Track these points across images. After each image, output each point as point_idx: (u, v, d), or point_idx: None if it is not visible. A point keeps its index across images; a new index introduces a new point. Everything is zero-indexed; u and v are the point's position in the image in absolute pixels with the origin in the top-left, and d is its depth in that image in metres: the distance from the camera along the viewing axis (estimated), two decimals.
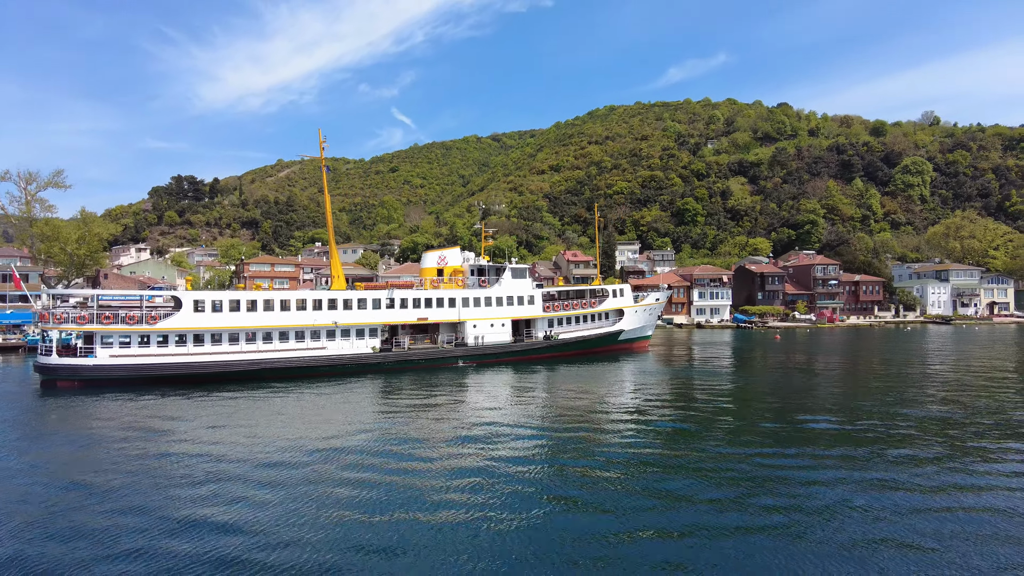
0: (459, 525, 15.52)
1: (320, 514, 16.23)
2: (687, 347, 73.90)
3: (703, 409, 31.60)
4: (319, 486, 18.52)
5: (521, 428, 27.18)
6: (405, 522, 15.70)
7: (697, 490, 18.17)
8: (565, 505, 17.08)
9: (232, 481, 19.12)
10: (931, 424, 27.26)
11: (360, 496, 17.66)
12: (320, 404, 34.02)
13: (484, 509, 16.61)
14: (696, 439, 24.69)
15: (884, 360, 55.88)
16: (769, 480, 19.11)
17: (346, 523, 15.61)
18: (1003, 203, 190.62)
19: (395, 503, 17.07)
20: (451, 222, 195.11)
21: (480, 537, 14.82)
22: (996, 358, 56.84)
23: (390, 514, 16.23)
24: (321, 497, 17.51)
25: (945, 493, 17.78)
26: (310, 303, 46.35)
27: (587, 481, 19.17)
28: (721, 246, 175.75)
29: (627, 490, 18.22)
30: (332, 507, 16.74)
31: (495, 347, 52.37)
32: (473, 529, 15.29)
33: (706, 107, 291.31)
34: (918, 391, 37.12)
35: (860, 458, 21.45)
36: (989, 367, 49.22)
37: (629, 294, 63.79)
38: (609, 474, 19.91)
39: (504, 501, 17.28)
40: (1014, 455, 21.84)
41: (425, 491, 18.04)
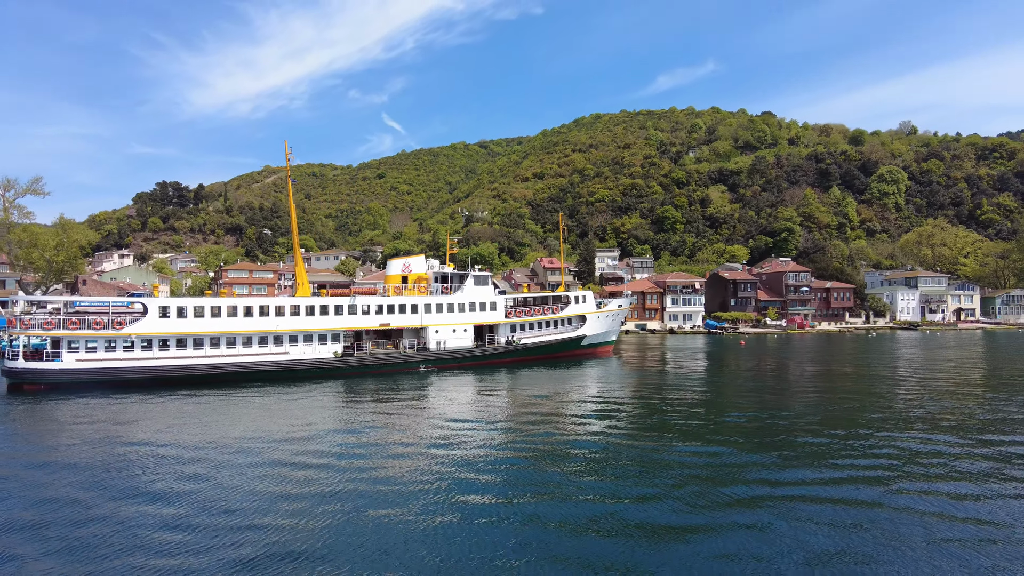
0: (406, 525, 15.78)
1: (269, 512, 16.70)
2: (654, 352, 75.88)
3: (652, 411, 33.26)
4: (266, 484, 19.44)
5: (472, 430, 28.70)
6: (349, 521, 16.05)
7: (643, 491, 18.60)
8: (514, 506, 17.28)
9: (175, 479, 20.62)
10: (860, 423, 29.23)
11: (304, 496, 18.21)
12: (275, 407, 35.52)
13: (431, 508, 17.05)
14: (642, 441, 25.67)
15: (837, 363, 58.06)
16: (710, 479, 19.86)
17: (292, 523, 15.84)
18: (974, 211, 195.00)
19: (336, 501, 17.57)
20: (434, 229, 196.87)
21: (431, 537, 15.08)
22: (939, 360, 59.19)
23: (330, 512, 16.66)
24: (270, 496, 18.12)
25: (841, 486, 19.64)
26: (272, 309, 47.90)
27: (537, 481, 19.78)
28: (699, 253, 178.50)
29: (568, 488, 18.86)
30: (281, 504, 17.33)
31: (457, 352, 54.07)
32: (424, 529, 15.56)
33: (689, 115, 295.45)
34: (860, 393, 39.17)
35: (792, 458, 23.31)
36: (932, 370, 51.46)
37: (592, 300, 65.68)
38: (553, 472, 20.86)
39: (452, 501, 17.63)
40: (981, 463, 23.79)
41: (370, 490, 18.64)
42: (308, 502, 17.58)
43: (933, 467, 21.17)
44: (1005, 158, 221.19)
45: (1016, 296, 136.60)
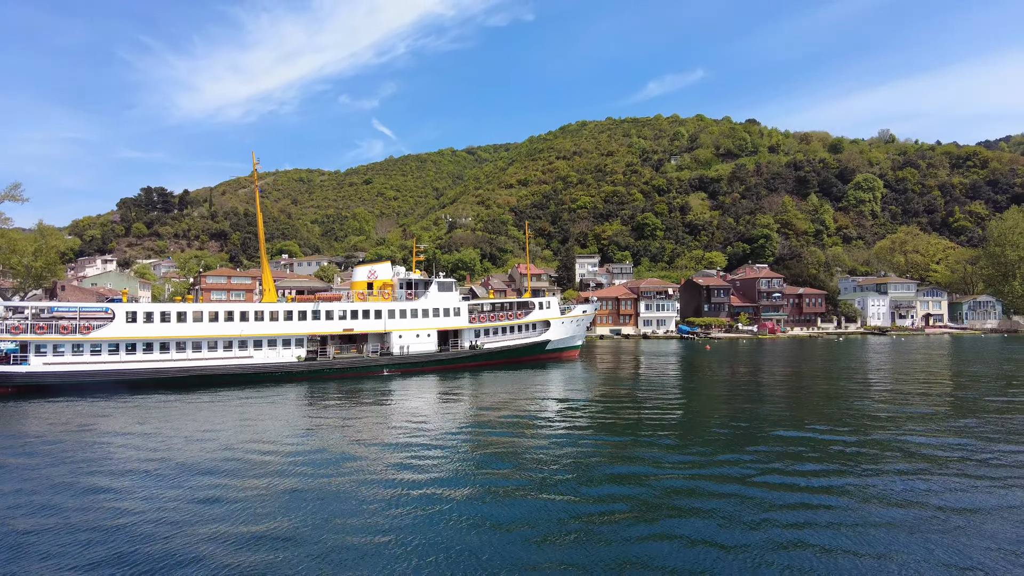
0: (361, 526, 16.13)
1: (221, 511, 17.27)
2: (622, 356, 77.83)
3: (607, 412, 34.82)
4: (215, 483, 20.56)
5: (425, 430, 30.46)
6: (299, 520, 16.51)
7: (601, 492, 19.12)
8: (467, 509, 17.61)
9: (124, 476, 22.27)
10: (807, 424, 31.26)
11: (255, 495, 18.74)
12: (233, 409, 37.07)
13: (378, 505, 17.63)
14: (594, 441, 26.67)
15: (797, 367, 60.23)
16: (647, 479, 20.44)
17: (242, 525, 16.22)
18: (947, 219, 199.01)
19: (287, 501, 18.08)
20: (418, 235, 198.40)
21: (383, 536, 15.46)
22: (890, 363, 61.55)
23: (279, 512, 17.13)
24: (221, 497, 18.62)
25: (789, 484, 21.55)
26: (237, 315, 49.47)
27: (486, 480, 20.30)
28: (678, 259, 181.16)
29: (519, 490, 19.30)
30: (234, 504, 17.85)
31: (420, 356, 55.79)
32: (373, 529, 15.91)
33: (673, 123, 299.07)
34: (816, 395, 41.27)
35: (736, 461, 25.21)
36: (883, 371, 53.74)
37: (556, 306, 67.60)
38: (505, 471, 21.56)
39: (405, 503, 17.97)
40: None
41: (322, 490, 19.25)
42: (259, 502, 18.15)
43: (884, 462, 23.16)
44: (978, 167, 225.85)
45: (982, 302, 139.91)
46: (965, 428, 28.69)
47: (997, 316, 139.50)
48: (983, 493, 18.72)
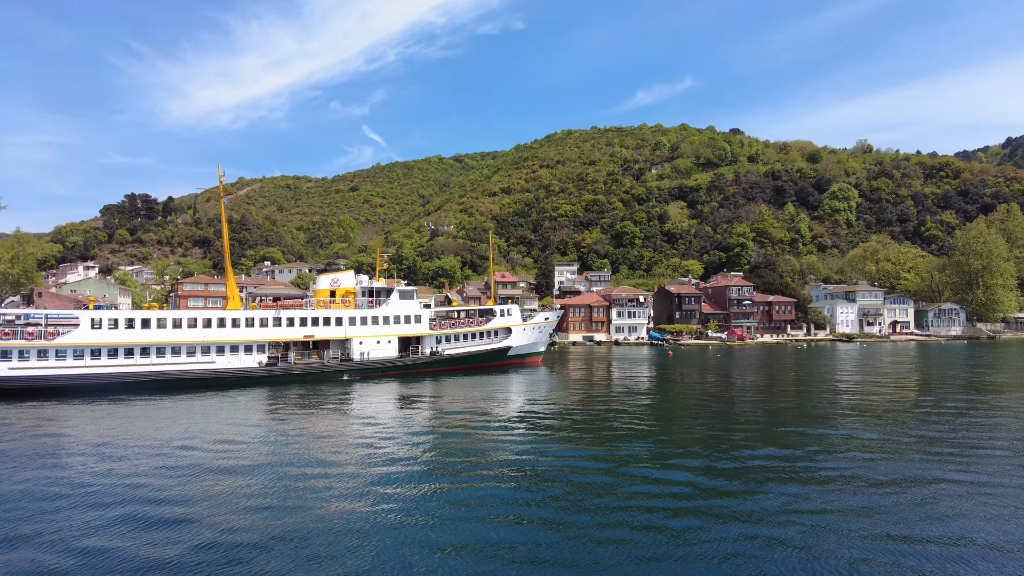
0: (309, 527, 16.77)
1: (171, 512, 18.02)
2: (588, 362, 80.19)
3: (560, 415, 36.65)
4: (164, 483, 21.43)
5: (371, 432, 32.56)
6: (250, 521, 17.10)
7: (539, 495, 19.68)
8: (412, 510, 18.15)
9: (68, 473, 24.23)
10: (740, 425, 33.58)
11: (195, 493, 19.74)
12: (188, 412, 38.94)
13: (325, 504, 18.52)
14: (544, 443, 27.81)
15: (754, 372, 62.75)
16: (590, 484, 21.08)
17: (193, 528, 16.70)
18: (919, 228, 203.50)
19: (231, 502, 18.79)
20: (399, 242, 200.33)
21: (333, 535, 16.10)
22: (845, 369, 64.24)
23: (224, 512, 17.84)
24: (174, 497, 19.47)
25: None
26: (200, 321, 51.36)
27: (428, 484, 20.92)
28: (655, 267, 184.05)
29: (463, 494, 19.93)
30: (186, 505, 18.62)
31: (380, 362, 57.83)
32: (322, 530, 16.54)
33: (656, 132, 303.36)
34: (746, 402, 43.67)
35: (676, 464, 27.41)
36: (834, 377, 56.33)
37: (517, 314, 69.81)
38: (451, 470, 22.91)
39: (347, 504, 18.58)
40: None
41: (272, 491, 20.04)
42: (210, 502, 18.93)
43: (818, 467, 25.49)
44: (951, 177, 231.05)
45: (947, 309, 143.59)
46: (886, 430, 31.19)
47: (961, 323, 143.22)
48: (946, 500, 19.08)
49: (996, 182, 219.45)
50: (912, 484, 20.62)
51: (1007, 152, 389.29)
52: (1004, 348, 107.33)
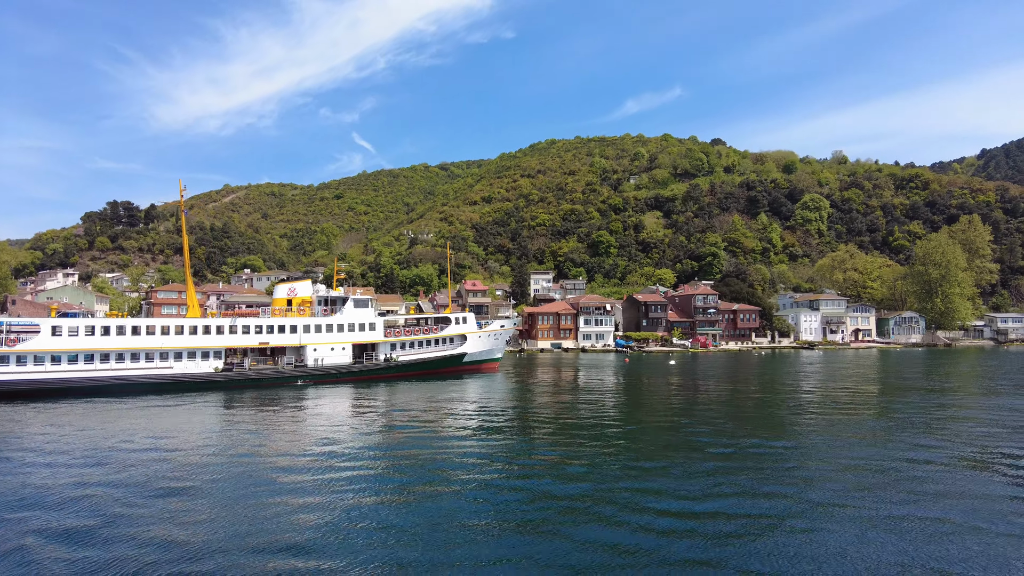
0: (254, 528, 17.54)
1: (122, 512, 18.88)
2: (550, 367, 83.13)
3: (506, 418, 39.37)
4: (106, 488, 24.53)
5: (314, 433, 35.36)
6: (195, 522, 17.89)
7: (485, 496, 20.61)
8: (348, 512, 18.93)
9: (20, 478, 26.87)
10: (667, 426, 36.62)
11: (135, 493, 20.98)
12: (140, 415, 41.58)
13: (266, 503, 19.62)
14: (488, 446, 29.16)
15: (706, 378, 65.99)
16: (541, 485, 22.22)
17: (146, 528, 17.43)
18: (887, 238, 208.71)
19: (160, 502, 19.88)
20: (379, 250, 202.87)
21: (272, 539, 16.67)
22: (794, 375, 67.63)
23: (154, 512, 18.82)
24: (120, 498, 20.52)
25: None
26: (158, 328, 53.96)
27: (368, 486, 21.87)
28: (629, 276, 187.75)
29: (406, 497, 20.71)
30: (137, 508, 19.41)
31: (334, 368, 60.56)
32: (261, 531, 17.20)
33: (637, 143, 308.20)
34: (677, 405, 46.79)
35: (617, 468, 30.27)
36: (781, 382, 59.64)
37: (473, 321, 72.74)
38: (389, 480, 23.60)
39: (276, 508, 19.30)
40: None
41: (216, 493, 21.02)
42: (157, 503, 19.89)
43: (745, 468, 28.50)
44: (920, 188, 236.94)
45: (907, 317, 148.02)
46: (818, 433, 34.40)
47: (921, 331, 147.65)
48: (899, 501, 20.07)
49: (962, 193, 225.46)
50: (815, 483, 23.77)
51: (981, 163, 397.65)
52: (957, 355, 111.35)
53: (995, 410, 39.94)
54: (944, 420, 35.95)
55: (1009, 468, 24.22)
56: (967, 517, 18.18)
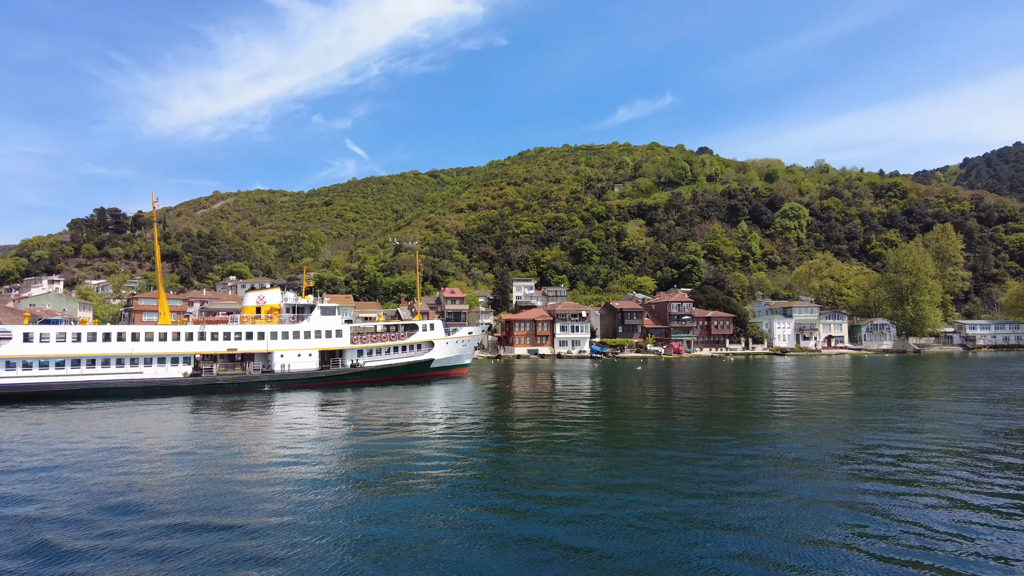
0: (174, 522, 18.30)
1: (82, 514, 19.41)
2: (521, 373, 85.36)
3: (467, 423, 41.90)
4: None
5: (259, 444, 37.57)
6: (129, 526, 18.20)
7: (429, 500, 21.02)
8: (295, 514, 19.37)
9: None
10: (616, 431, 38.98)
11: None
12: (107, 419, 43.68)
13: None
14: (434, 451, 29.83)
15: (667, 384, 68.46)
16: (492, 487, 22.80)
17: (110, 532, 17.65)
18: (864, 246, 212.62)
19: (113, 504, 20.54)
20: (363, 257, 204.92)
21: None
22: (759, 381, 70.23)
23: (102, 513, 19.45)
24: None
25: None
26: (128, 335, 56.06)
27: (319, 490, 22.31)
28: (611, 283, 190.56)
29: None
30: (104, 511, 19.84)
31: (301, 374, 62.75)
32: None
33: (624, 152, 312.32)
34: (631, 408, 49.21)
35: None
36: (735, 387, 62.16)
37: (440, 328, 75.07)
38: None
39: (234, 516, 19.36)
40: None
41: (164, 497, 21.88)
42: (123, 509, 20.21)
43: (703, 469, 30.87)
44: (899, 197, 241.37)
45: (879, 324, 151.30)
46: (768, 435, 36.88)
47: (892, 337, 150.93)
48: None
49: (938, 202, 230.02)
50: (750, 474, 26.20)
51: (963, 172, 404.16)
52: (924, 361, 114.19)
53: (906, 412, 42.59)
54: (868, 423, 38.54)
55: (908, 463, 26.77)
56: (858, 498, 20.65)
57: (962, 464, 25.90)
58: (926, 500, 20.54)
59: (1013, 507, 19.69)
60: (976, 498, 20.73)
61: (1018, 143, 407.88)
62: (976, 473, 24.23)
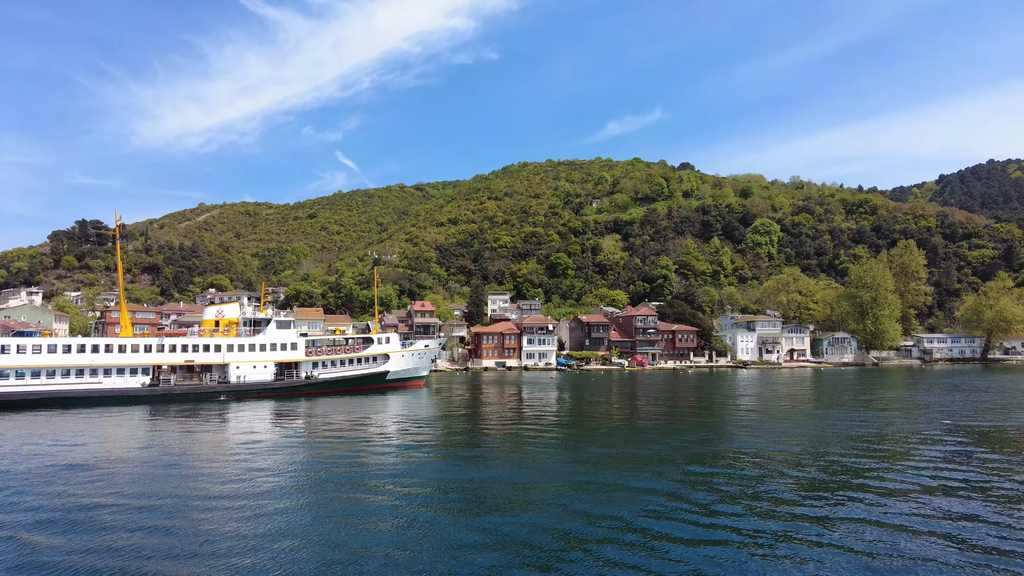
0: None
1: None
2: (484, 385, 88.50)
3: (415, 432, 44.84)
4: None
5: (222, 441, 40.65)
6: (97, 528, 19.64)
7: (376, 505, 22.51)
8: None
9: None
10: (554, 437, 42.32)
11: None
12: (63, 425, 46.61)
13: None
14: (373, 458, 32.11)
15: (618, 396, 71.97)
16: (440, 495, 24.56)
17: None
18: (833, 261, 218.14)
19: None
20: (341, 271, 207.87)
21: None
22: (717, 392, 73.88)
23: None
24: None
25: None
26: (89, 347, 59.02)
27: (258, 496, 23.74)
28: (585, 297, 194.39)
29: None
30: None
31: (256, 385, 65.82)
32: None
33: (605, 167, 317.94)
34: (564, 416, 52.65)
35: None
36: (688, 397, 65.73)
37: (396, 341, 78.41)
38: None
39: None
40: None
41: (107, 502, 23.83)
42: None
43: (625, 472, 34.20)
44: (869, 213, 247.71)
45: (840, 338, 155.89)
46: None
47: (853, 351, 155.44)
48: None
49: (906, 219, 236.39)
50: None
51: (939, 188, 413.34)
52: (881, 374, 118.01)
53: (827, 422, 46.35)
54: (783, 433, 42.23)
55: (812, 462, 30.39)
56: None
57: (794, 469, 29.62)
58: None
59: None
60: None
61: (991, 160, 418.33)
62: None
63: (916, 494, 23.84)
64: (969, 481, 25.88)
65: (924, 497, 23.38)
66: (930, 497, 23.37)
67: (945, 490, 24.47)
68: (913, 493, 24.00)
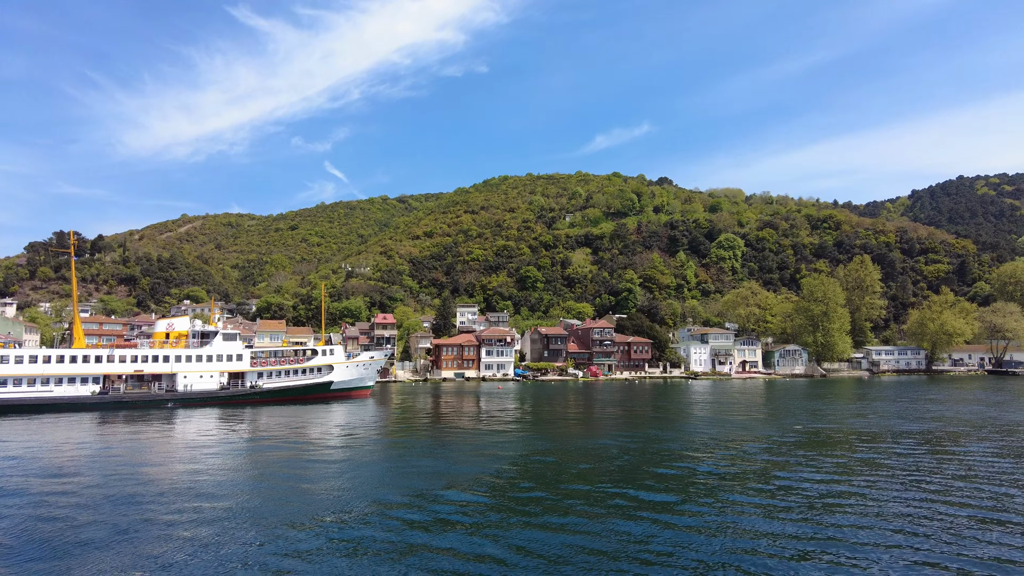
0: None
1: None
2: (435, 395, 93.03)
3: (352, 438, 49.70)
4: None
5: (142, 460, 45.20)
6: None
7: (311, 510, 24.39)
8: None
9: None
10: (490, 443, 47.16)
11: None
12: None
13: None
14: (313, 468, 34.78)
15: (563, 404, 76.95)
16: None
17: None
18: (795, 275, 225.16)
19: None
20: (315, 282, 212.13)
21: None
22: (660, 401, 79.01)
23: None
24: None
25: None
26: (40, 357, 63.42)
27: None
28: (552, 309, 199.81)
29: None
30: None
31: (201, 393, 70.36)
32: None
33: (582, 182, 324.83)
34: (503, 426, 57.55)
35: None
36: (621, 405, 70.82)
37: (340, 353, 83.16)
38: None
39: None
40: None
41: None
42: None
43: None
44: (832, 228, 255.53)
45: (791, 350, 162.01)
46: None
47: (804, 363, 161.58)
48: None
49: (867, 234, 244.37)
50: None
51: (911, 203, 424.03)
52: (828, 384, 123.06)
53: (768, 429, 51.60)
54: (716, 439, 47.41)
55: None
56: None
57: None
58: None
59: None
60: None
61: (960, 176, 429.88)
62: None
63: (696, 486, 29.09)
64: (756, 472, 31.20)
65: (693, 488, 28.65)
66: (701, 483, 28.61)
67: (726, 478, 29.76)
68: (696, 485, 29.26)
